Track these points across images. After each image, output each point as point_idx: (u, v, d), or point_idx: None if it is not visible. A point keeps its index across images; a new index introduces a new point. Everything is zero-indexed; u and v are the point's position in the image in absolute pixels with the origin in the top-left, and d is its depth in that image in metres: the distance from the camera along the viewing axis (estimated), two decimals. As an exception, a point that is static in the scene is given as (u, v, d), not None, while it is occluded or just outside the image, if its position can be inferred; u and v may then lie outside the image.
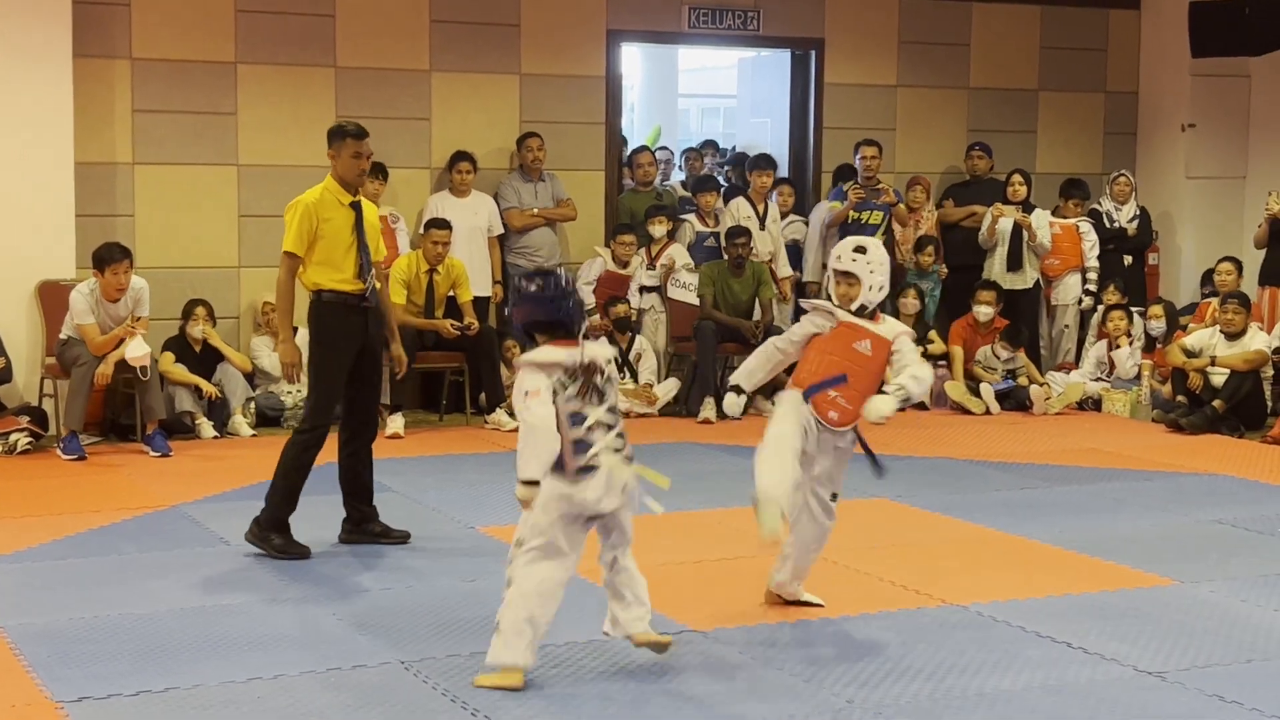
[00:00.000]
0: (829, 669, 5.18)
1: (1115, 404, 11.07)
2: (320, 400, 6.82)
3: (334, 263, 6.78)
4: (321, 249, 6.77)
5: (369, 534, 6.95)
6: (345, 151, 6.84)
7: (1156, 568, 6.59)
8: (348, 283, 6.80)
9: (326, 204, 6.80)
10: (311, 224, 6.75)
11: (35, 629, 5.54)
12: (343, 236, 6.79)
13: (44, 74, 9.69)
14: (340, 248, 6.78)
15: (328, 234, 6.76)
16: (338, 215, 6.80)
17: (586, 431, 5.02)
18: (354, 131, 6.88)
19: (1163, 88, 13.12)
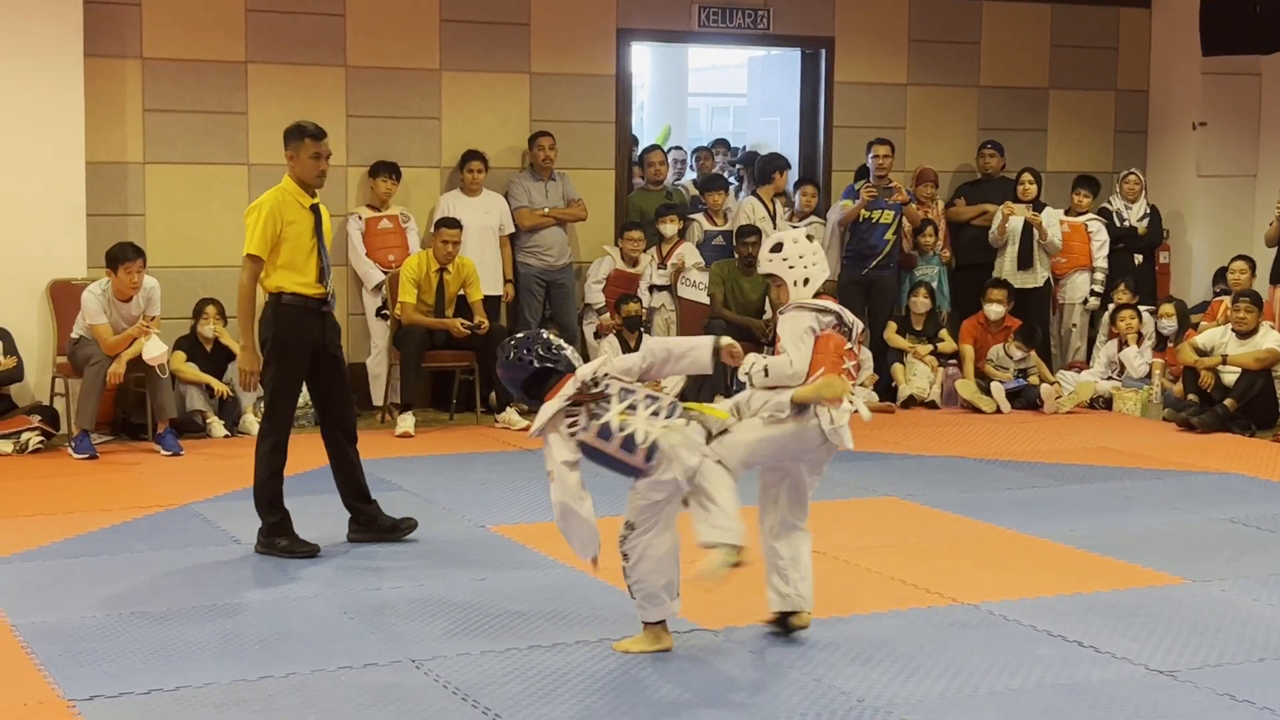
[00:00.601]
0: (839, 668, 5.18)
1: (1126, 403, 11.05)
2: (279, 404, 6.75)
3: (296, 266, 6.69)
4: (285, 252, 6.67)
5: (379, 530, 6.94)
6: (304, 152, 6.74)
7: (1167, 566, 6.58)
8: (309, 286, 6.71)
9: (288, 206, 6.71)
10: (275, 226, 6.65)
11: (47, 627, 5.55)
12: (305, 240, 6.71)
13: (55, 74, 9.70)
14: (303, 251, 6.70)
15: (290, 237, 6.67)
16: (300, 218, 6.72)
17: (621, 431, 5.15)
18: (313, 131, 6.78)
19: (1173, 86, 13.09)
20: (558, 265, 11.14)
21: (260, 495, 6.75)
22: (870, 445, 9.59)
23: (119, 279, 9.18)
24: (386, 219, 10.70)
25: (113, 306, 9.25)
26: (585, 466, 5.24)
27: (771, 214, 11.44)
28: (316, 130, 6.81)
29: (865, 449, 9.39)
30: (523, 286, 11.08)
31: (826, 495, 8.00)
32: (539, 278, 11.10)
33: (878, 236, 11.44)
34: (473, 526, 7.28)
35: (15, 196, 9.64)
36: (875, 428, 10.22)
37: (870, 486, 8.29)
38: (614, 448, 5.16)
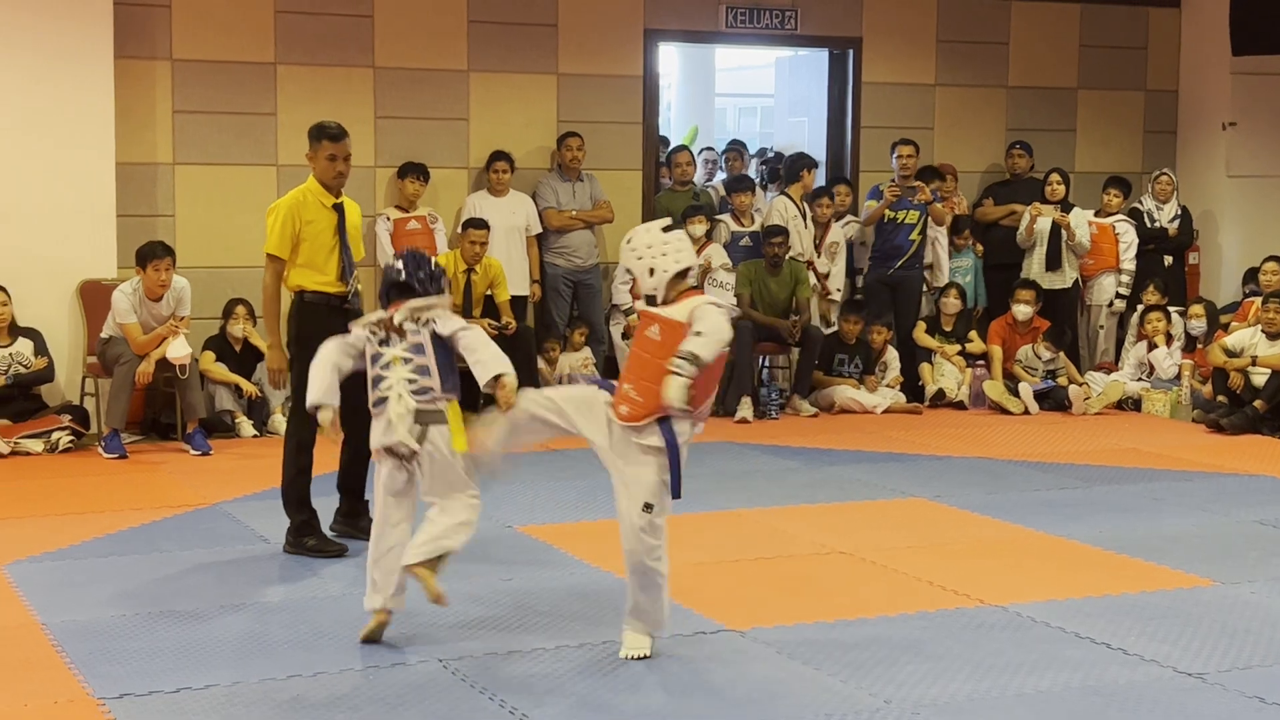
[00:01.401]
0: (866, 669, 5.18)
1: (1155, 404, 11.01)
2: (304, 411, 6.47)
3: (317, 265, 6.75)
4: (304, 251, 6.74)
5: (357, 529, 6.78)
6: (321, 153, 6.80)
7: (1196, 568, 6.55)
8: (330, 284, 6.76)
9: (308, 206, 6.77)
10: (293, 226, 6.72)
11: (77, 626, 5.58)
12: (325, 239, 6.76)
13: (86, 75, 9.75)
14: (323, 250, 6.75)
15: (309, 236, 6.73)
16: (320, 217, 6.77)
17: (381, 369, 5.50)
18: (331, 132, 6.81)
19: (1203, 86, 13.04)
20: (585, 266, 11.16)
21: (288, 493, 6.79)
22: (897, 446, 9.59)
23: (148, 276, 9.23)
24: (414, 220, 10.72)
25: (143, 306, 9.30)
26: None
27: (802, 213, 11.43)
28: (336, 131, 6.84)
29: (892, 450, 9.42)
30: (550, 287, 11.10)
31: (854, 496, 8.04)
32: (566, 278, 11.11)
33: (903, 237, 11.42)
34: (499, 526, 7.29)
35: (46, 197, 9.69)
36: (902, 429, 10.24)
37: (897, 488, 8.27)
38: (371, 376, 5.54)
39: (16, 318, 9.46)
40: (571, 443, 9.56)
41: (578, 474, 8.60)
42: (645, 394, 5.12)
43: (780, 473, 8.66)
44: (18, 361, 9.37)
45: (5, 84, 9.62)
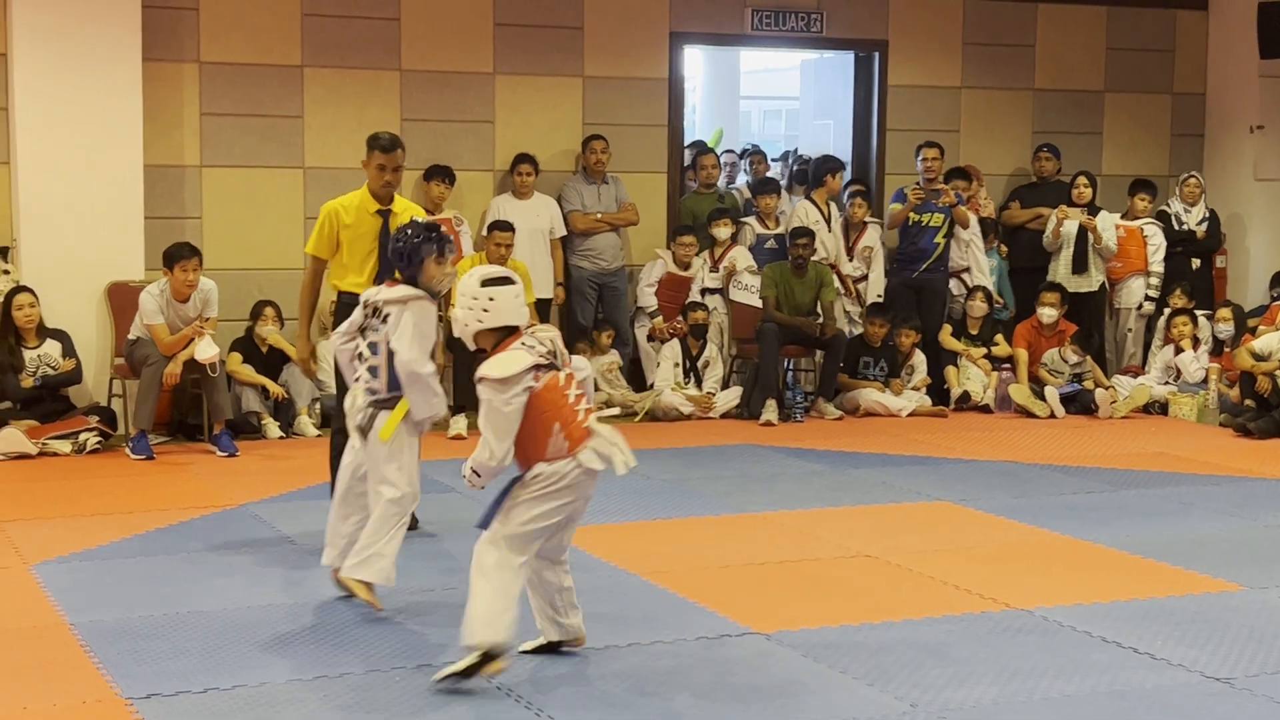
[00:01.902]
0: (892, 672, 5.17)
1: (1182, 408, 10.97)
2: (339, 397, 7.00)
3: (353, 267, 7.04)
4: (343, 254, 7.06)
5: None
6: (372, 162, 7.07)
7: (1224, 573, 6.53)
8: (362, 286, 6.84)
9: (350, 210, 7.05)
10: (331, 229, 7.05)
11: (105, 626, 5.61)
12: (363, 243, 7.03)
13: (114, 78, 9.80)
14: (360, 254, 7.03)
15: (347, 240, 7.03)
16: (361, 222, 7.03)
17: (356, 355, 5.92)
18: (383, 143, 7.07)
19: (1231, 89, 12.98)
20: (610, 269, 11.17)
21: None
22: (923, 450, 9.57)
23: (175, 277, 9.27)
24: (440, 222, 10.72)
25: (170, 307, 9.33)
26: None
27: (826, 217, 11.42)
28: (387, 143, 7.09)
29: (918, 453, 9.40)
30: (575, 289, 11.11)
31: (879, 500, 8.03)
32: (591, 281, 11.12)
33: (928, 240, 11.41)
34: (525, 529, 7.29)
35: (75, 199, 9.74)
36: (928, 432, 10.22)
37: (923, 491, 8.26)
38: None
39: (45, 319, 9.51)
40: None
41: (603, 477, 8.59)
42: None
43: (805, 476, 8.65)
44: (46, 363, 9.41)
45: (35, 87, 9.67)
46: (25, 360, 9.37)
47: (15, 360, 9.35)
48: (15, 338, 9.40)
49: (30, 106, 9.68)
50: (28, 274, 9.66)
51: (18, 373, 9.33)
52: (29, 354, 9.40)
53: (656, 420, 10.57)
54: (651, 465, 8.83)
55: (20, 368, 9.34)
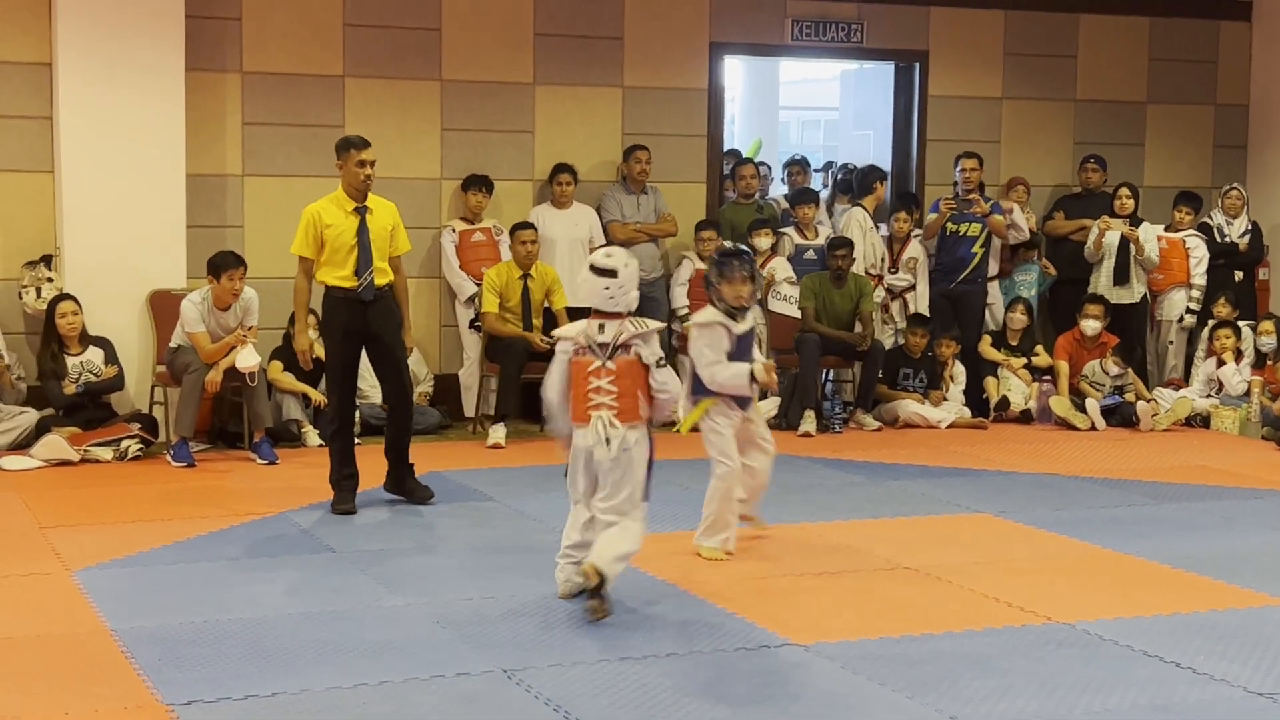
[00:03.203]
0: (932, 685, 5.14)
1: (1224, 421, 10.89)
2: (330, 378, 8.05)
3: (336, 262, 7.77)
4: (326, 251, 7.76)
5: (400, 489, 8.08)
6: (349, 162, 7.79)
7: (1267, 587, 6.47)
8: (347, 279, 7.75)
9: (328, 212, 7.79)
10: (314, 230, 7.76)
11: (146, 632, 5.63)
12: (344, 239, 7.74)
13: (158, 88, 9.87)
14: (342, 250, 7.75)
15: (330, 238, 7.74)
16: (340, 221, 7.76)
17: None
18: (360, 143, 7.83)
19: (1275, 100, 12.90)
20: (649, 279, 11.15)
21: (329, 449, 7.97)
22: (963, 462, 9.54)
23: (221, 286, 9.31)
24: (480, 232, 10.78)
25: (211, 315, 9.38)
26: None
27: (876, 225, 11.42)
28: (363, 141, 7.87)
29: (957, 465, 9.36)
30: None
31: (918, 511, 8.01)
32: (630, 291, 11.11)
33: (965, 250, 11.38)
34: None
35: (118, 208, 9.81)
36: (968, 444, 10.18)
37: (963, 503, 8.22)
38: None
39: (88, 327, 9.58)
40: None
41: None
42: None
43: (844, 487, 8.63)
44: (88, 370, 9.48)
45: (79, 96, 9.75)
46: (68, 367, 9.44)
47: (58, 367, 9.43)
48: (58, 345, 9.47)
49: (74, 116, 9.76)
50: (71, 282, 9.73)
51: (60, 379, 9.40)
52: (71, 361, 9.47)
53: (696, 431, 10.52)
54: (689, 476, 8.81)
55: (63, 374, 9.41)
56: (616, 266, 6.15)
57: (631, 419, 6.01)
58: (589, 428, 6.00)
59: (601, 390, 6.00)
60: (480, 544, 7.21)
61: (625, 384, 6.02)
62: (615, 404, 5.99)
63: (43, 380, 9.48)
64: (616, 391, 6.00)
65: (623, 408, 6.00)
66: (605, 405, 5.99)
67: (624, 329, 6.05)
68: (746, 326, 6.96)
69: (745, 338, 6.96)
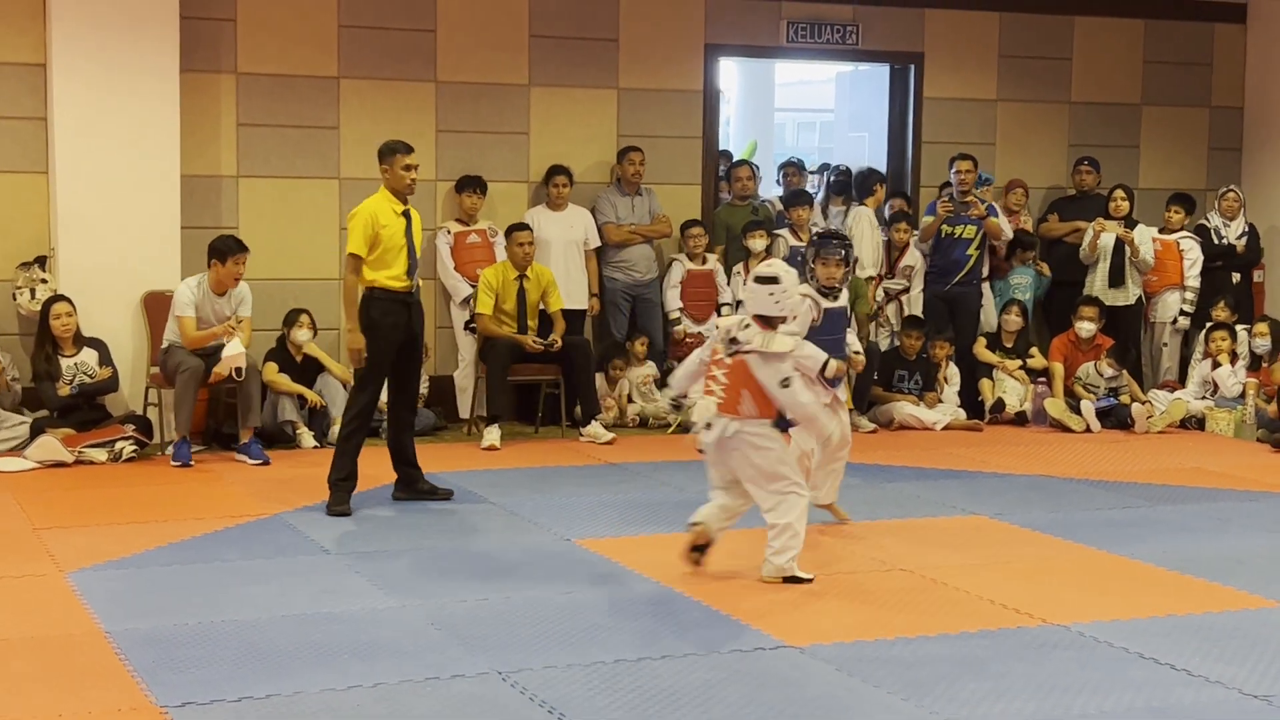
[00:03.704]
0: (927, 687, 5.14)
1: (1219, 423, 10.89)
2: (370, 377, 7.88)
3: (387, 263, 7.80)
4: (379, 251, 7.79)
5: (418, 492, 8.12)
6: (396, 165, 7.88)
7: (1262, 589, 6.47)
8: (398, 280, 7.82)
9: (383, 212, 7.85)
10: (371, 229, 7.78)
11: (140, 634, 5.62)
12: (396, 240, 7.81)
13: (152, 88, 9.85)
14: (394, 250, 7.81)
15: (384, 239, 7.79)
16: (392, 222, 7.84)
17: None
18: (405, 147, 7.93)
19: (1269, 102, 12.91)
20: (644, 280, 11.17)
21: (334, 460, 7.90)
22: (958, 464, 9.54)
23: (225, 270, 9.33)
24: (475, 233, 10.77)
25: (207, 300, 9.37)
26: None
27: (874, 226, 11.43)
28: (406, 145, 7.96)
29: (953, 467, 9.36)
30: (609, 301, 11.11)
31: (914, 513, 8.01)
32: (625, 292, 11.13)
33: (960, 251, 11.38)
34: (558, 540, 7.30)
35: (113, 209, 9.79)
36: (963, 446, 10.18)
37: (958, 505, 8.23)
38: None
39: (82, 328, 9.57)
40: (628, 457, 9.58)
41: (635, 488, 8.61)
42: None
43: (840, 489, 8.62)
44: (83, 371, 9.47)
45: (73, 97, 9.73)
46: (62, 369, 9.43)
47: (52, 369, 9.41)
48: (52, 346, 9.46)
49: (68, 116, 9.75)
50: (65, 283, 9.72)
51: (54, 381, 9.38)
52: (65, 362, 9.45)
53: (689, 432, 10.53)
54: (684, 477, 8.82)
55: (57, 376, 9.40)
56: (778, 273, 6.58)
57: (731, 413, 6.44)
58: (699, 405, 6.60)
59: (715, 379, 6.53)
60: (475, 545, 7.20)
61: (734, 380, 6.46)
62: (722, 395, 6.48)
63: (37, 382, 9.46)
64: (726, 384, 6.48)
65: (727, 399, 6.46)
66: (713, 392, 6.52)
67: (753, 338, 6.42)
68: (839, 304, 7.49)
69: (835, 314, 7.46)
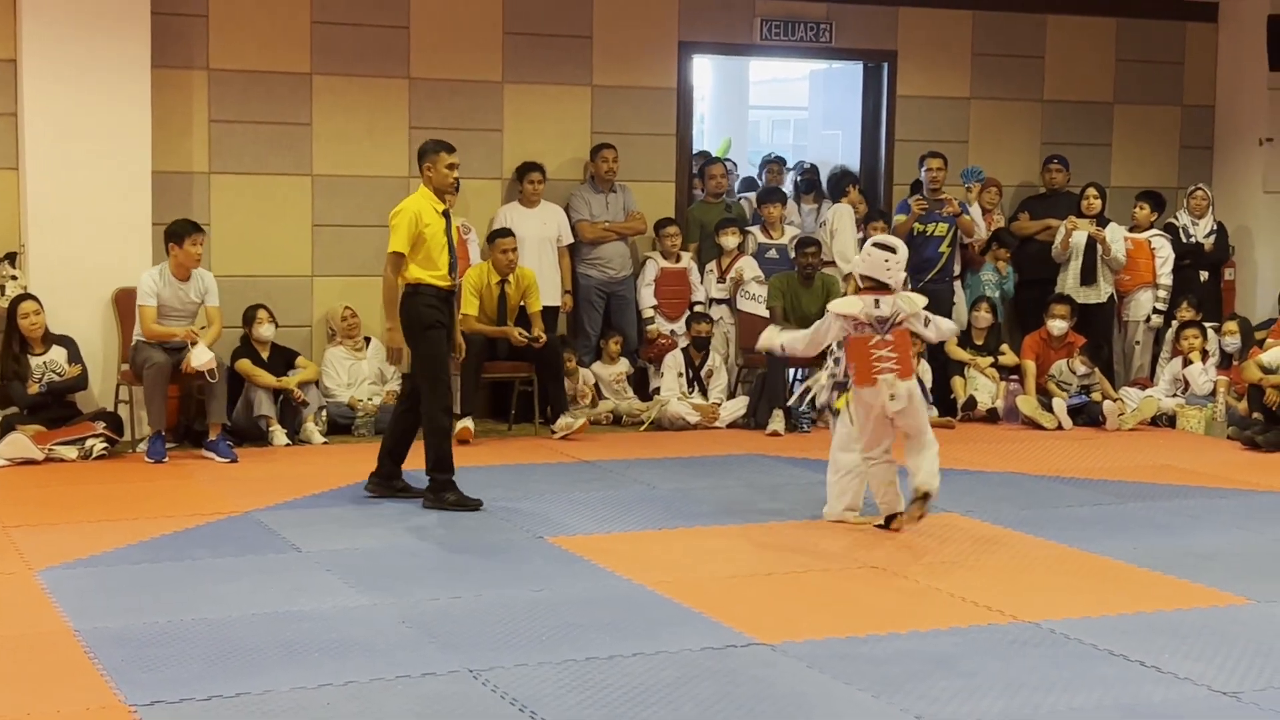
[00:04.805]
0: (898, 685, 5.15)
1: (1190, 420, 10.94)
2: (440, 376, 7.88)
3: (432, 261, 7.83)
4: (422, 249, 7.80)
5: (394, 489, 8.07)
6: (440, 164, 7.91)
7: (1232, 586, 6.50)
8: (442, 278, 7.86)
9: (426, 211, 7.85)
10: (416, 228, 7.78)
11: (109, 633, 5.60)
12: (439, 239, 7.85)
13: (123, 85, 9.80)
14: (437, 247, 7.84)
15: (428, 237, 7.81)
16: (434, 221, 7.86)
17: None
18: (448, 146, 7.99)
19: (1240, 101, 12.97)
20: (618, 277, 11.17)
21: (432, 455, 7.84)
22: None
23: (184, 252, 9.29)
24: (448, 230, 10.73)
25: (170, 287, 9.33)
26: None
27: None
28: (449, 145, 8.02)
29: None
30: (583, 298, 11.11)
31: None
32: (599, 289, 11.13)
33: (932, 249, 11.40)
34: (531, 537, 7.29)
35: (83, 206, 9.74)
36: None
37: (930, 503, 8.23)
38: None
39: (52, 325, 9.52)
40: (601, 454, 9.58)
41: (607, 485, 8.61)
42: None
43: (812, 486, 8.62)
44: (51, 370, 9.42)
45: (43, 93, 9.68)
46: (31, 367, 9.38)
47: (20, 368, 9.36)
48: (20, 345, 9.41)
49: (39, 113, 9.70)
50: (35, 279, 9.67)
51: (23, 380, 9.33)
52: (34, 361, 9.40)
53: (662, 429, 10.57)
54: (657, 474, 8.83)
55: (26, 375, 9.34)
56: (896, 245, 7.46)
57: (907, 375, 7.32)
58: (876, 388, 7.28)
59: (884, 358, 7.28)
60: (447, 543, 7.19)
61: (901, 350, 7.33)
62: (896, 366, 7.27)
63: (6, 381, 9.40)
64: (896, 357, 7.29)
65: (902, 369, 7.30)
66: (888, 369, 7.26)
67: (898, 307, 7.32)
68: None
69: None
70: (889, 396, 7.27)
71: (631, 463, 9.28)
